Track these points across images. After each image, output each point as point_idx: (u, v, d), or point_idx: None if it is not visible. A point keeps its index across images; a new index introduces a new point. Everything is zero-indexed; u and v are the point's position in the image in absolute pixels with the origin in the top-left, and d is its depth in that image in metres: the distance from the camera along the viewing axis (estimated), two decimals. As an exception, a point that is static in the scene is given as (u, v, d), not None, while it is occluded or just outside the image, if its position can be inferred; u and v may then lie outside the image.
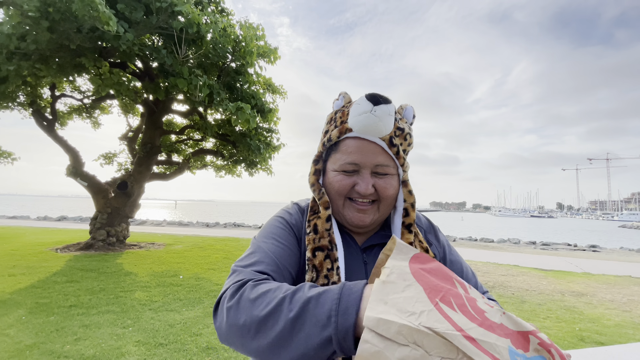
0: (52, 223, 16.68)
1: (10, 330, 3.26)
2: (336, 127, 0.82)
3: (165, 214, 39.63)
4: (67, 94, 9.12)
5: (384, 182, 0.79)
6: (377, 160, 0.78)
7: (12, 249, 7.81)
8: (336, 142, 0.82)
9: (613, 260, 9.84)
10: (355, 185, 0.79)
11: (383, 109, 0.76)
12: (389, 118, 0.77)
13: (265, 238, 0.79)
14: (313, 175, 0.85)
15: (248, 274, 0.67)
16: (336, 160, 0.81)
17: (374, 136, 0.77)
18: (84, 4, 4.60)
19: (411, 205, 0.83)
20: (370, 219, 0.80)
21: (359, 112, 0.77)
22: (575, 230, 37.87)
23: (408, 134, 0.82)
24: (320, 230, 0.79)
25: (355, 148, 0.78)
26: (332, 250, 0.77)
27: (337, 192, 0.80)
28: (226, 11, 8.21)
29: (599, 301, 4.95)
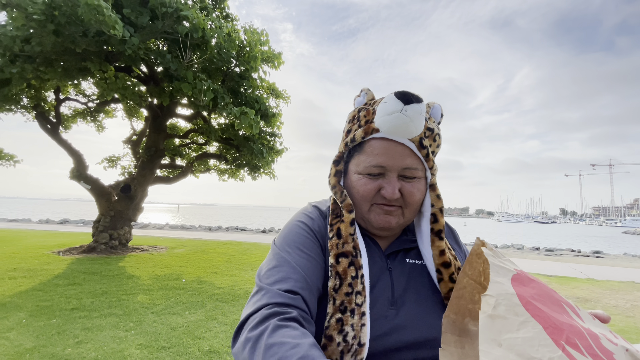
0: (55, 226, 16.71)
1: (11, 334, 3.25)
2: (360, 126, 0.76)
3: (167, 217, 39.68)
4: (72, 98, 9.18)
5: (411, 186, 0.75)
6: (405, 163, 0.73)
7: (13, 251, 7.82)
8: (360, 142, 0.77)
9: (617, 266, 9.76)
10: (381, 189, 0.74)
11: (415, 109, 0.70)
12: (420, 118, 0.71)
13: (289, 247, 0.75)
14: (334, 177, 0.80)
15: (275, 296, 0.65)
16: (360, 162, 0.76)
17: (403, 137, 0.72)
18: (90, 8, 4.64)
19: (440, 210, 0.77)
20: (396, 222, 0.76)
21: (388, 112, 0.71)
22: (578, 236, 37.66)
23: (437, 135, 0.78)
24: (344, 235, 0.74)
25: (382, 149, 0.74)
26: (356, 257, 0.73)
27: (361, 196, 0.76)
28: (231, 16, 8.27)
29: (603, 307, 4.90)
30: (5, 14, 5.15)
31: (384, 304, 0.72)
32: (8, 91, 6.23)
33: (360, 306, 0.68)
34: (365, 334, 0.66)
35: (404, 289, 0.75)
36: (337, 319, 0.67)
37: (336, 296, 0.69)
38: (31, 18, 4.86)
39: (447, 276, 0.74)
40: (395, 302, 0.73)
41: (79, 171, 8.47)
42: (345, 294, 0.69)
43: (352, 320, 0.67)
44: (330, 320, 0.67)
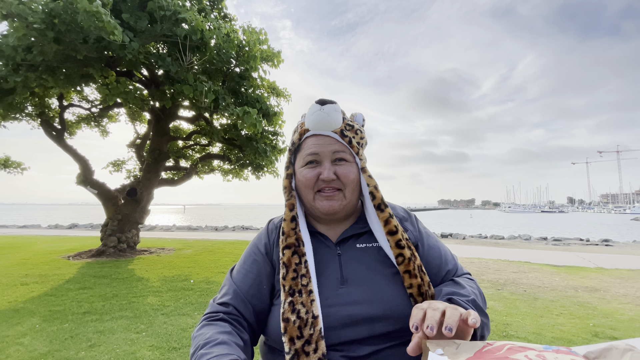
0: (64, 231, 16.91)
1: (25, 339, 3.31)
2: (297, 132, 0.95)
3: (174, 218, 39.96)
4: (75, 104, 9.25)
5: (343, 168, 0.87)
6: (333, 148, 0.88)
7: (23, 258, 7.94)
8: (299, 144, 0.93)
9: (626, 254, 9.68)
10: (320, 175, 0.87)
11: (330, 107, 0.89)
12: (336, 114, 0.89)
13: (238, 269, 0.92)
14: (285, 179, 0.95)
15: (213, 307, 0.85)
16: (300, 157, 0.91)
17: (327, 130, 0.89)
18: (89, 14, 4.67)
19: (375, 188, 0.89)
20: (338, 204, 0.87)
21: (311, 113, 0.89)
22: (587, 225, 37.35)
23: (359, 130, 0.93)
24: (287, 231, 0.87)
25: (313, 142, 0.89)
26: (298, 247, 0.85)
27: (305, 185, 0.89)
28: (229, 17, 8.27)
29: (613, 296, 4.88)
30: (6, 24, 5.20)
31: (333, 284, 0.83)
32: (12, 100, 6.30)
33: (307, 285, 0.80)
34: (317, 307, 0.77)
35: (354, 269, 0.85)
36: (288, 302, 0.78)
37: (285, 283, 0.81)
38: (32, 27, 4.90)
39: (394, 242, 0.84)
40: (345, 282, 0.83)
41: (85, 176, 8.55)
42: (292, 279, 0.81)
43: (301, 298, 0.78)
44: (284, 306, 0.78)
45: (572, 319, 3.91)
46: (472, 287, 0.84)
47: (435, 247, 0.94)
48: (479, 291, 0.84)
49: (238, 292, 0.86)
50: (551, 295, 4.94)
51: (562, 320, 3.87)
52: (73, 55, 5.68)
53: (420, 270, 0.84)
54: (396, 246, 0.84)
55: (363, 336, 0.76)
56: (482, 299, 0.82)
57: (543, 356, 0.48)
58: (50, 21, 4.94)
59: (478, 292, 0.83)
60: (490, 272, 6.57)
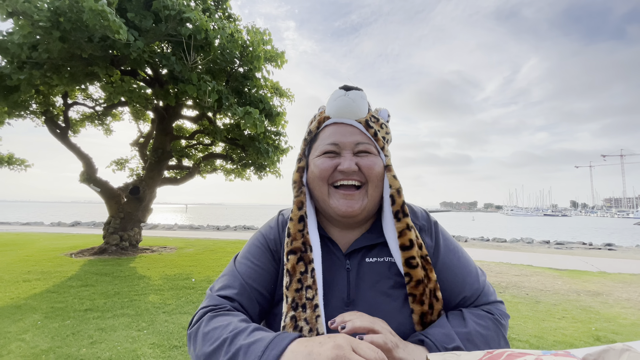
0: (66, 228, 16.98)
1: (26, 335, 3.32)
2: (315, 120, 0.84)
3: (176, 217, 40.05)
4: (80, 102, 9.30)
5: (367, 160, 0.77)
6: (356, 139, 0.77)
7: (26, 254, 7.98)
8: (316, 133, 0.83)
9: (629, 258, 9.62)
10: (338, 166, 0.76)
11: (356, 93, 0.78)
12: (362, 101, 0.78)
13: (241, 258, 0.82)
14: (296, 173, 0.83)
15: (213, 300, 0.74)
16: (317, 147, 0.81)
17: (350, 119, 0.78)
18: (94, 13, 4.70)
19: (397, 191, 0.78)
20: (359, 205, 0.76)
21: (334, 98, 0.79)
22: (590, 229, 37.16)
23: (384, 124, 0.83)
24: (293, 232, 0.77)
25: (334, 131, 0.79)
26: (305, 252, 0.75)
27: (319, 177, 0.77)
28: (233, 17, 8.30)
29: (615, 300, 4.85)
30: (11, 22, 5.24)
31: (339, 303, 0.74)
32: (17, 97, 6.33)
33: (312, 299, 0.71)
34: (322, 324, 0.69)
35: (361, 288, 0.76)
36: (291, 317, 0.70)
37: (288, 294, 0.72)
38: (37, 25, 4.93)
39: (404, 259, 0.74)
40: (351, 303, 0.74)
41: (89, 174, 8.59)
42: (295, 290, 0.72)
43: (305, 314, 0.70)
44: (285, 319, 0.71)
45: (574, 322, 3.89)
46: (476, 329, 0.71)
47: (455, 266, 0.81)
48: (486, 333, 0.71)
49: (245, 284, 0.76)
50: (553, 299, 4.91)
51: (564, 324, 3.85)
52: (78, 54, 5.71)
53: (432, 295, 0.74)
54: (406, 264, 0.74)
55: None
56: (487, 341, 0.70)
57: (541, 358, 0.49)
58: (56, 19, 4.96)
59: (479, 337, 0.70)
60: (492, 275, 6.54)
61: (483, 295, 0.80)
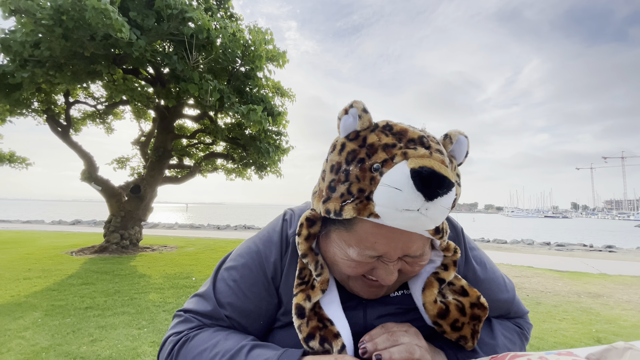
0: (67, 227, 17.00)
1: (27, 333, 3.33)
2: (352, 197, 0.52)
3: (177, 216, 40.08)
4: (81, 101, 9.31)
5: (413, 264, 0.59)
6: (410, 250, 0.56)
7: (27, 252, 7.99)
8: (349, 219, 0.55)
9: (630, 260, 9.61)
10: (373, 270, 0.58)
11: (441, 204, 0.48)
12: (444, 212, 0.50)
13: (228, 275, 0.68)
14: (305, 242, 0.61)
15: (188, 321, 0.64)
16: (347, 243, 0.56)
17: (418, 231, 0.54)
18: (97, 12, 4.70)
19: (453, 263, 0.64)
20: (384, 291, 0.64)
21: (401, 207, 0.48)
22: (590, 231, 37.12)
23: (457, 195, 0.54)
24: (307, 314, 0.59)
25: (381, 237, 0.53)
26: (325, 328, 0.59)
27: (344, 274, 0.61)
28: (235, 16, 8.31)
29: (616, 302, 4.84)
30: (14, 19, 5.25)
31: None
32: (19, 95, 6.35)
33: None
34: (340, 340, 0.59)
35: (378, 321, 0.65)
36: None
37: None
38: (40, 23, 4.94)
39: (449, 327, 0.63)
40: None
41: (90, 173, 8.60)
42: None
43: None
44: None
45: (574, 324, 3.89)
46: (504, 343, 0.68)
47: (485, 279, 0.73)
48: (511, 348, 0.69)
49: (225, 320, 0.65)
50: (554, 300, 4.91)
51: (565, 325, 3.85)
52: (80, 52, 5.72)
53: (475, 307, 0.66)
54: (452, 329, 0.63)
55: None
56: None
57: (545, 358, 0.49)
58: (59, 18, 4.97)
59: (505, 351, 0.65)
60: (492, 276, 6.54)
61: (514, 307, 0.77)
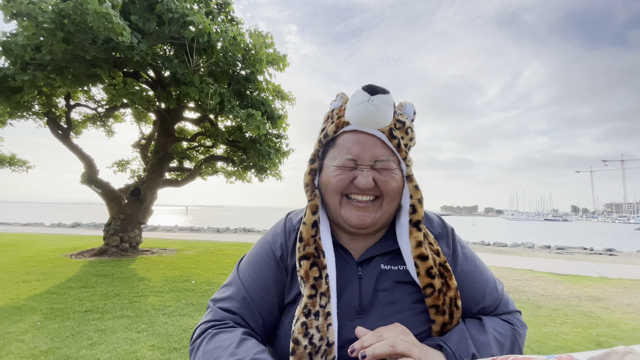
0: (67, 229, 16.98)
1: (26, 336, 3.32)
2: (333, 122, 0.77)
3: (176, 219, 40.03)
4: (82, 104, 9.34)
5: (385, 175, 0.73)
6: (376, 154, 0.73)
7: (26, 255, 7.97)
8: (333, 137, 0.77)
9: (630, 263, 9.59)
10: (354, 180, 0.73)
11: (381, 99, 0.71)
12: (388, 108, 0.72)
13: (246, 266, 0.80)
14: (308, 175, 0.80)
15: (215, 314, 0.73)
16: (334, 156, 0.76)
17: (372, 127, 0.73)
18: (99, 16, 4.73)
19: (418, 201, 0.75)
20: (371, 218, 0.74)
21: (356, 103, 0.72)
22: (590, 234, 37.07)
23: (409, 128, 0.77)
24: (305, 238, 0.74)
25: (354, 141, 0.73)
26: (318, 258, 0.73)
27: (333, 188, 0.75)
28: (236, 20, 8.35)
29: (616, 305, 4.83)
30: (15, 23, 5.27)
31: (350, 311, 0.72)
32: (20, 98, 6.36)
33: (325, 307, 0.69)
34: (333, 333, 0.67)
35: (375, 297, 0.73)
36: (301, 323, 0.68)
37: (301, 299, 0.71)
38: (41, 27, 4.96)
39: (424, 270, 0.71)
40: (363, 311, 0.72)
41: (90, 175, 8.61)
42: (309, 297, 0.70)
43: (317, 322, 0.68)
44: (295, 324, 0.69)
45: (575, 328, 3.88)
46: (495, 336, 0.71)
47: (473, 274, 0.79)
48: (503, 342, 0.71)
49: (247, 299, 0.75)
50: (554, 303, 4.90)
51: (566, 329, 3.84)
52: (81, 56, 5.74)
53: (452, 304, 0.72)
54: (427, 274, 0.71)
55: None
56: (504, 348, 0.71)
57: None
58: (60, 21, 5.00)
59: (497, 346, 0.69)
60: (492, 279, 6.53)
61: (502, 305, 0.79)
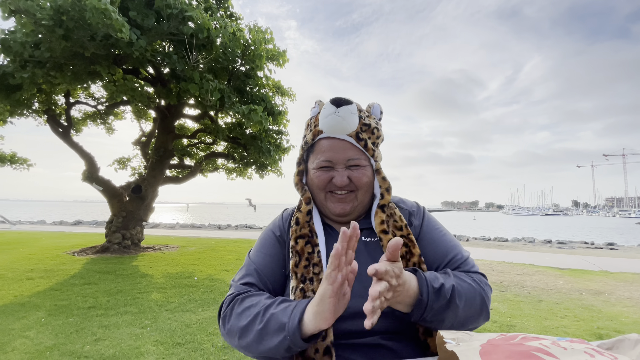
0: (69, 227, 17.03)
1: (30, 332, 3.34)
2: (311, 131, 0.93)
3: (178, 216, 40.09)
4: (82, 101, 9.31)
5: (357, 172, 0.89)
6: (347, 155, 0.88)
7: (29, 253, 8.00)
8: (312, 144, 0.93)
9: (631, 257, 9.60)
10: (333, 179, 0.89)
11: (345, 110, 0.86)
12: (352, 117, 0.87)
13: (255, 251, 0.96)
14: (297, 176, 0.97)
15: (238, 288, 0.87)
16: (314, 159, 0.92)
17: (341, 134, 0.88)
18: (97, 12, 4.71)
19: (386, 190, 0.91)
20: (350, 207, 0.90)
21: (325, 115, 0.88)
22: (591, 228, 37.08)
23: (375, 128, 0.92)
24: (301, 222, 0.91)
25: (328, 147, 0.89)
26: (312, 237, 0.89)
27: (317, 187, 0.91)
28: (235, 15, 8.30)
29: (617, 299, 4.84)
30: (14, 20, 5.25)
31: None
32: (20, 96, 6.35)
33: (318, 274, 0.84)
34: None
35: (361, 263, 0.80)
36: (300, 289, 0.82)
37: (297, 270, 0.85)
38: (40, 23, 4.94)
39: (386, 242, 0.86)
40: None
41: (91, 173, 8.61)
42: (304, 267, 0.85)
43: (312, 286, 0.82)
44: (295, 292, 0.82)
45: (576, 321, 3.89)
46: (460, 281, 0.80)
47: (439, 239, 0.93)
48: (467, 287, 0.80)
49: (259, 272, 0.89)
50: (555, 297, 4.91)
51: (567, 322, 3.85)
52: (80, 52, 5.72)
53: (416, 267, 0.83)
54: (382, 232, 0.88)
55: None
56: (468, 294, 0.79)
57: (557, 343, 0.49)
58: (59, 18, 4.97)
59: (464, 286, 0.79)
60: (494, 274, 6.54)
61: (467, 264, 0.89)
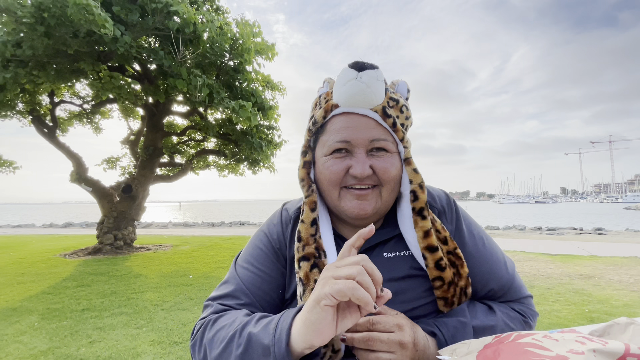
0: (59, 229, 16.78)
1: (24, 337, 3.29)
2: (321, 107, 0.71)
3: (170, 215, 39.79)
4: (67, 100, 9.12)
5: (382, 161, 0.67)
6: (371, 135, 0.66)
7: (19, 257, 7.87)
8: (323, 123, 0.70)
9: (619, 242, 9.83)
10: (350, 169, 0.66)
11: (370, 74, 0.65)
12: (378, 84, 0.66)
13: (243, 261, 0.76)
14: (302, 169, 0.73)
15: (215, 309, 0.69)
16: (325, 142, 0.69)
17: (363, 107, 0.66)
18: (79, 7, 4.59)
19: (419, 186, 0.68)
20: (372, 207, 0.68)
21: (343, 82, 0.66)
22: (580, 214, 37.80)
23: (404, 106, 0.70)
24: (305, 237, 0.68)
25: (344, 124, 0.67)
26: (319, 259, 0.66)
27: (329, 181, 0.68)
28: (221, 9, 8.17)
29: (607, 283, 4.95)
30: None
31: None
32: (3, 97, 6.19)
33: None
34: (337, 340, 0.61)
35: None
36: None
37: (301, 303, 0.65)
38: (21, 22, 4.81)
39: (433, 263, 0.66)
40: None
41: (79, 174, 8.47)
42: None
43: None
44: None
45: (567, 305, 3.97)
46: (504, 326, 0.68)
47: (481, 254, 0.73)
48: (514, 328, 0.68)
49: (247, 293, 0.71)
50: (547, 282, 5.00)
51: (558, 306, 3.93)
52: (64, 50, 5.58)
53: (462, 294, 0.67)
54: (435, 267, 0.66)
55: None
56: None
57: (549, 336, 0.50)
58: (40, 15, 4.84)
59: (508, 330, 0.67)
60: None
61: (513, 290, 0.74)
